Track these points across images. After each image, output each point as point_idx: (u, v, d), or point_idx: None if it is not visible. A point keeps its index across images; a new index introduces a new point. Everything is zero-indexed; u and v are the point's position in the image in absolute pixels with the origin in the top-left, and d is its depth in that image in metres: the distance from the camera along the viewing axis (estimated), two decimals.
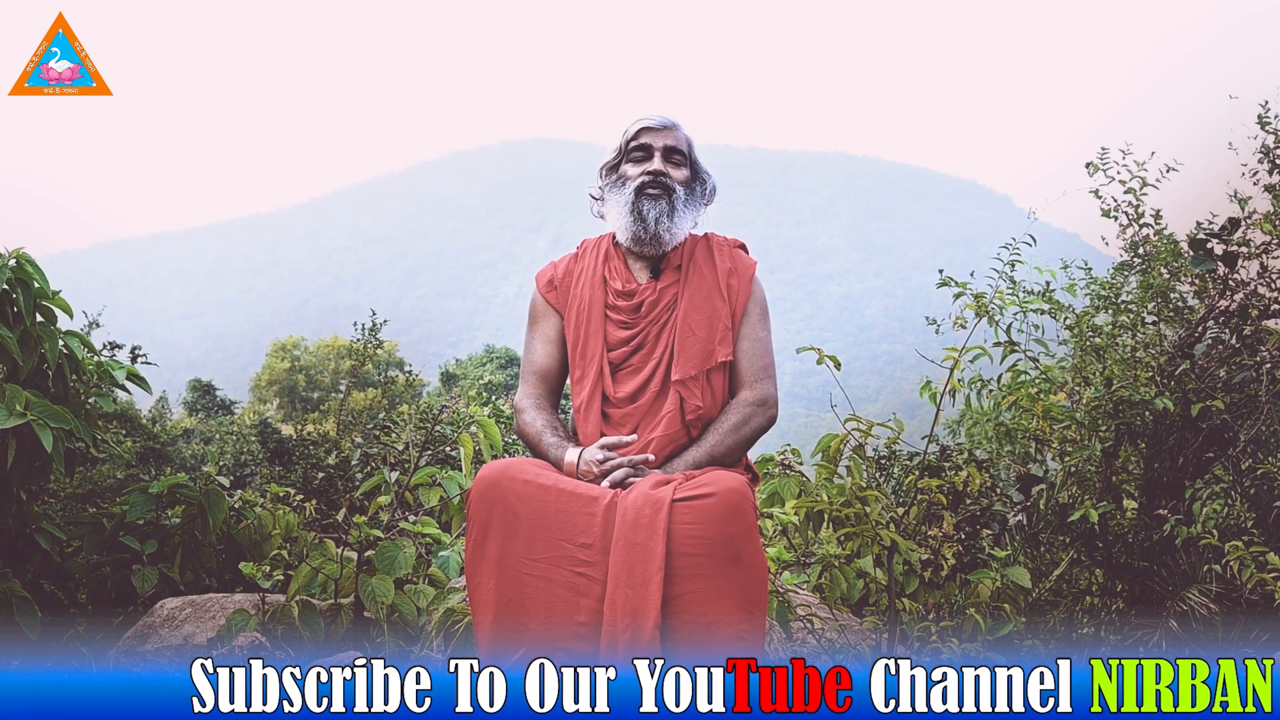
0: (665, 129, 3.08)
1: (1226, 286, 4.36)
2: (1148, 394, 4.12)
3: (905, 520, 3.87)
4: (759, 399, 2.99)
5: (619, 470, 2.81)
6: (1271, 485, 4.25)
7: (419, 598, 3.78)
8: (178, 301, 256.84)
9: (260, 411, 26.68)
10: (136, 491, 4.34)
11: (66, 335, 3.94)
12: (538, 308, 3.16)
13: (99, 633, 4.08)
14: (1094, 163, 4.75)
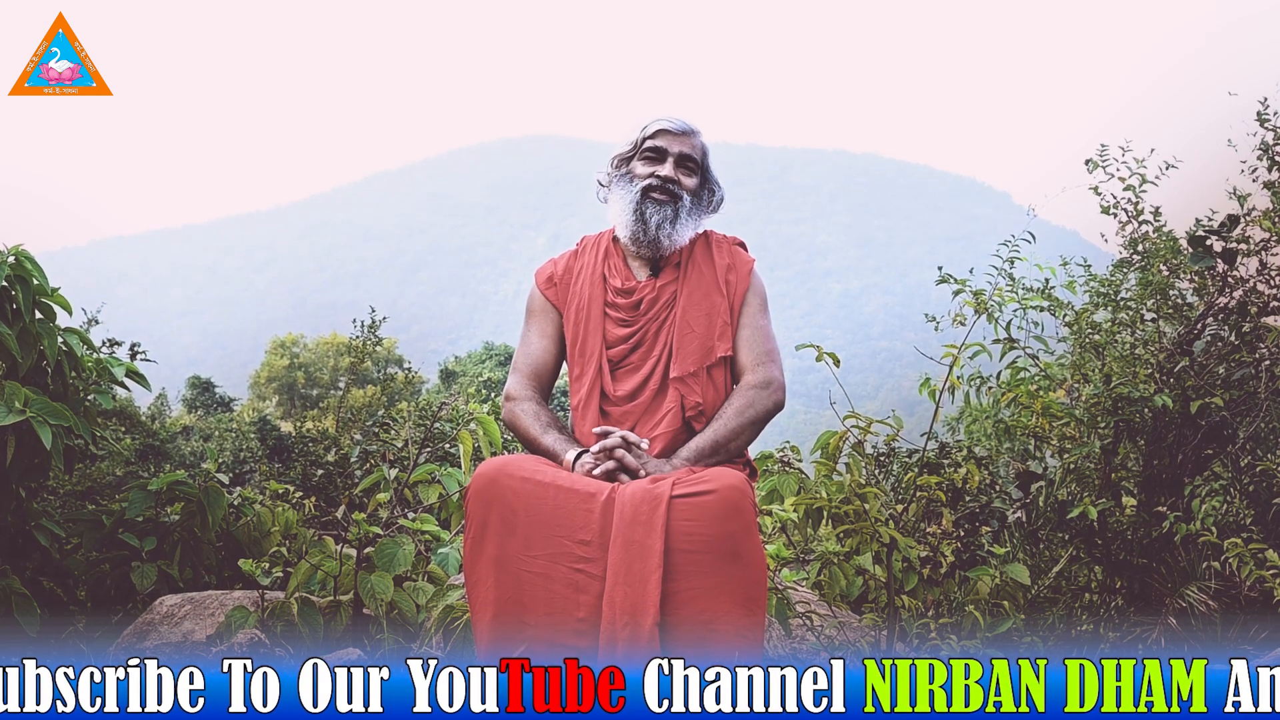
0: (683, 135, 3.07)
1: (1226, 283, 4.36)
2: (1147, 391, 4.12)
3: (904, 517, 3.87)
4: (762, 381, 2.98)
5: (611, 439, 2.81)
6: (1270, 482, 4.25)
7: (418, 595, 3.78)
8: (177, 299, 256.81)
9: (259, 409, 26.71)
10: (136, 488, 4.34)
11: (66, 332, 3.94)
12: (536, 303, 3.16)
13: (98, 630, 4.08)
14: (1093, 160, 4.75)
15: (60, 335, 3.87)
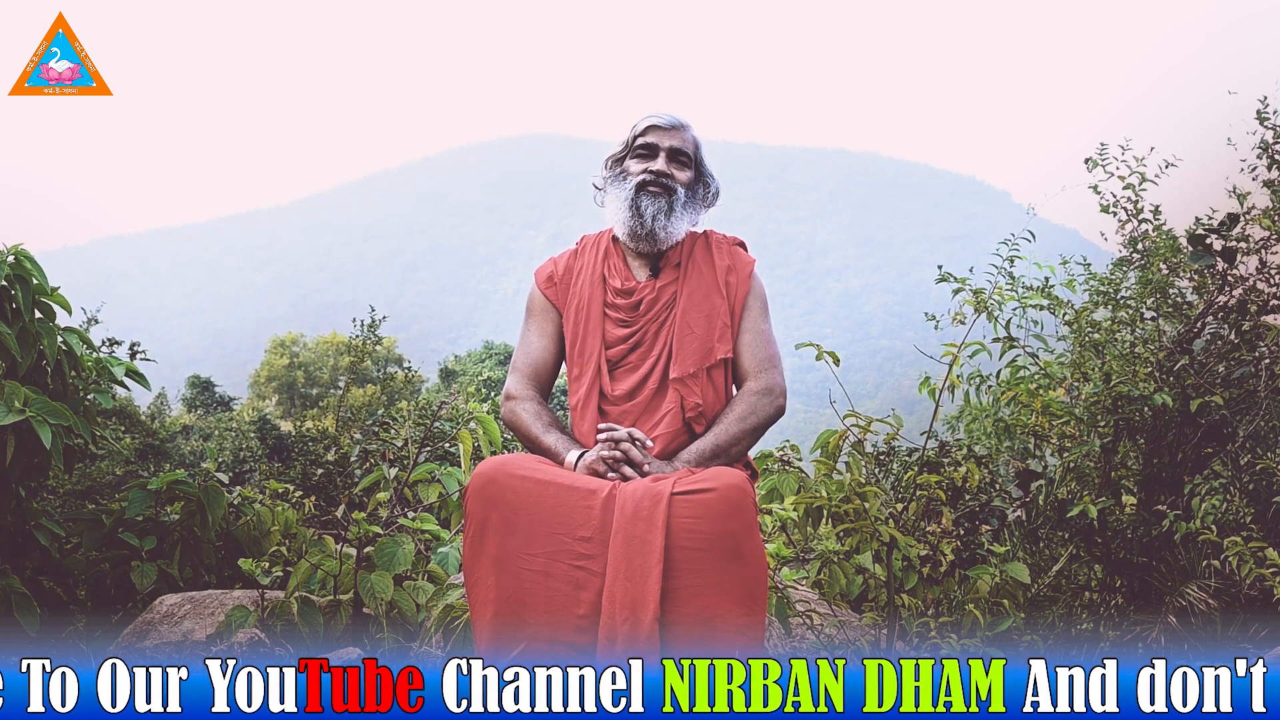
0: (673, 129, 3.08)
1: (1225, 282, 4.36)
2: (1146, 389, 4.12)
3: (904, 516, 3.87)
4: (764, 388, 2.99)
5: (619, 432, 2.81)
6: (1270, 481, 4.25)
7: (418, 594, 3.78)
8: (176, 298, 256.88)
9: (259, 408, 26.73)
10: (135, 488, 4.34)
11: (65, 332, 3.93)
12: (536, 303, 3.16)
13: (98, 629, 4.08)
14: (1093, 158, 4.75)
15: (60, 335, 3.87)
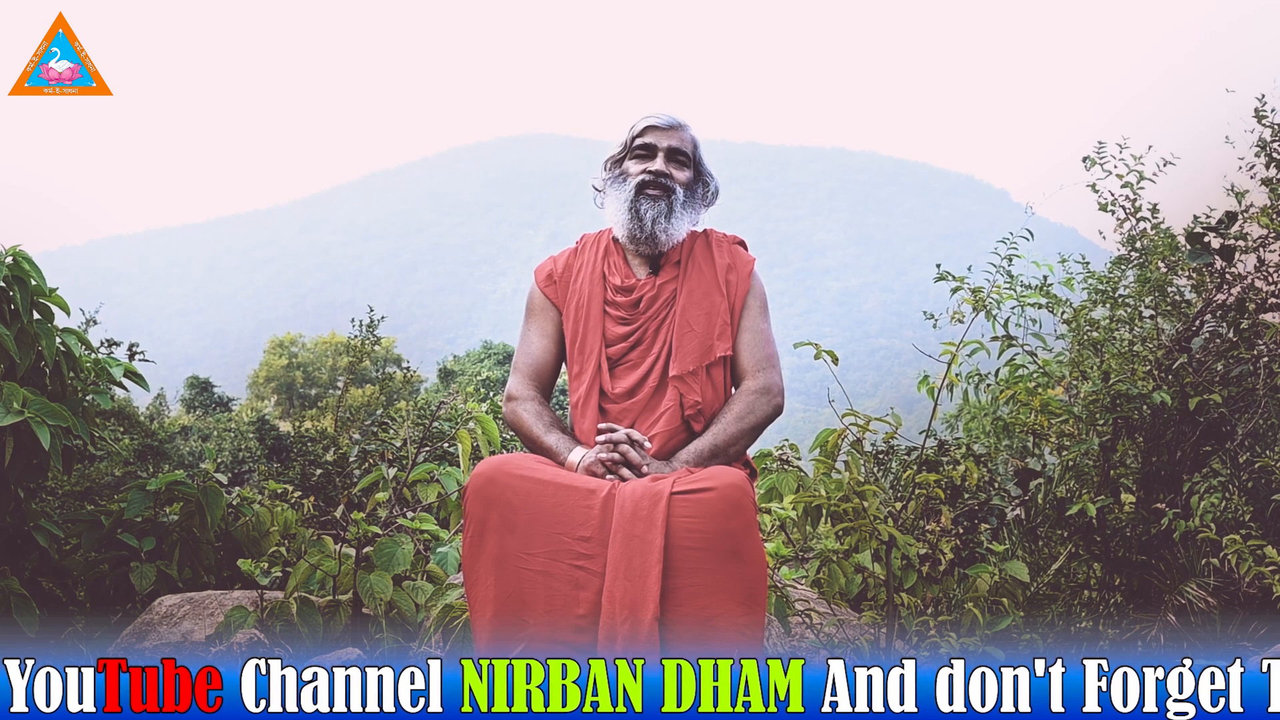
0: (671, 129, 3.08)
1: (1224, 280, 4.36)
2: (1145, 388, 4.12)
3: (903, 515, 3.87)
4: (762, 387, 2.99)
5: (618, 433, 2.82)
6: (1269, 479, 4.25)
7: (417, 594, 3.78)
8: (175, 298, 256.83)
9: (258, 408, 26.72)
10: (134, 489, 4.34)
11: (64, 332, 3.93)
12: (536, 302, 3.16)
13: (97, 630, 4.08)
14: (1091, 156, 4.75)
15: (58, 335, 3.87)
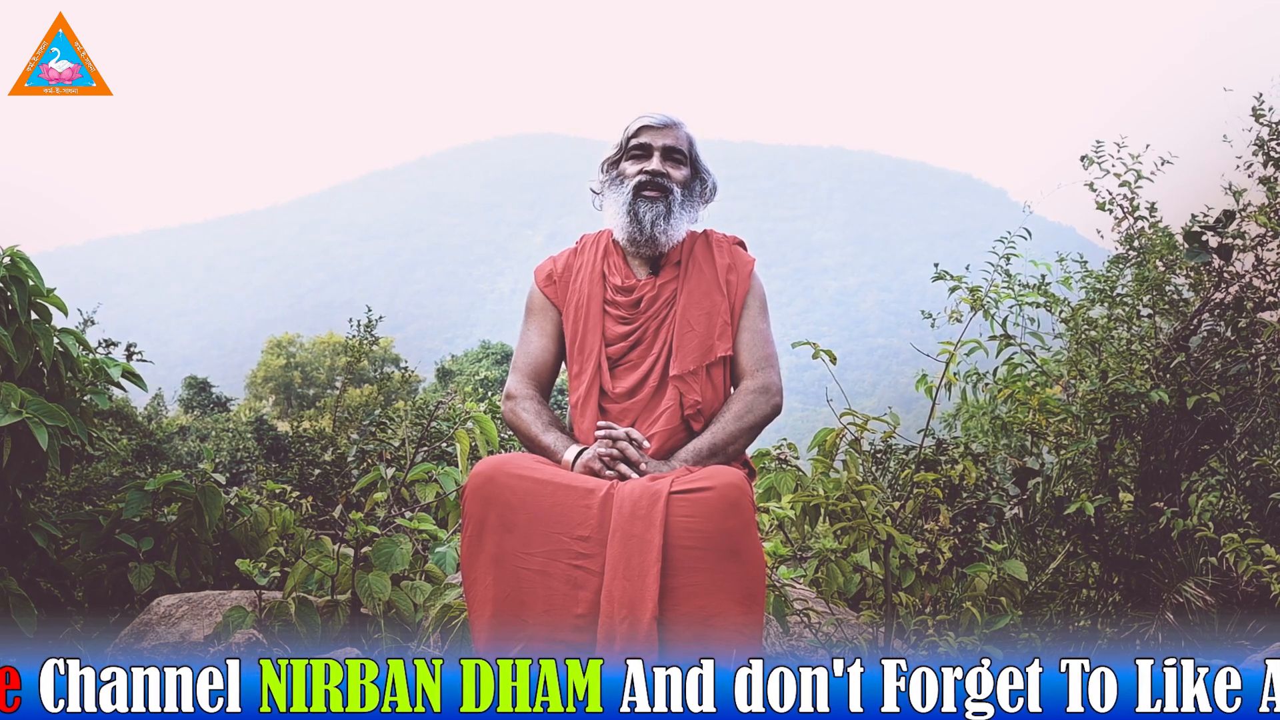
0: (666, 127, 3.07)
1: (1221, 279, 4.36)
2: (1143, 387, 4.12)
3: (901, 514, 3.87)
4: (761, 386, 2.99)
5: (617, 431, 2.83)
6: (1267, 477, 4.26)
7: (416, 594, 3.78)
8: (173, 298, 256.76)
9: (256, 408, 26.72)
10: (132, 489, 4.33)
11: (61, 333, 3.93)
12: (535, 301, 3.16)
13: (95, 630, 4.07)
14: (1089, 156, 4.75)
15: (56, 336, 3.86)
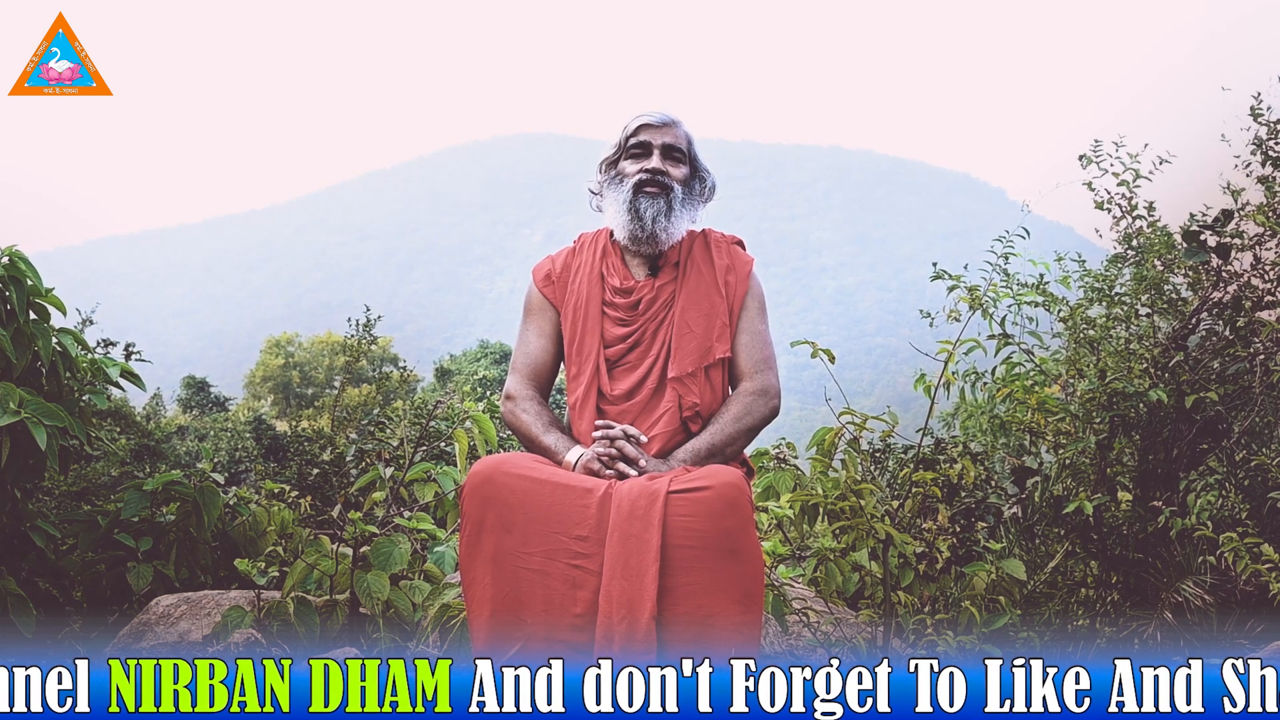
0: (665, 126, 3.07)
1: (1220, 278, 4.36)
2: (1141, 386, 4.13)
3: (900, 513, 3.87)
4: (759, 389, 2.99)
5: (614, 430, 2.83)
6: (1265, 476, 4.26)
7: (414, 593, 3.78)
8: (171, 298, 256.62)
9: (254, 408, 26.70)
10: (131, 489, 4.33)
11: (60, 333, 3.93)
12: (534, 301, 3.16)
13: (94, 630, 4.07)
14: (1087, 155, 4.75)
15: (54, 336, 3.86)
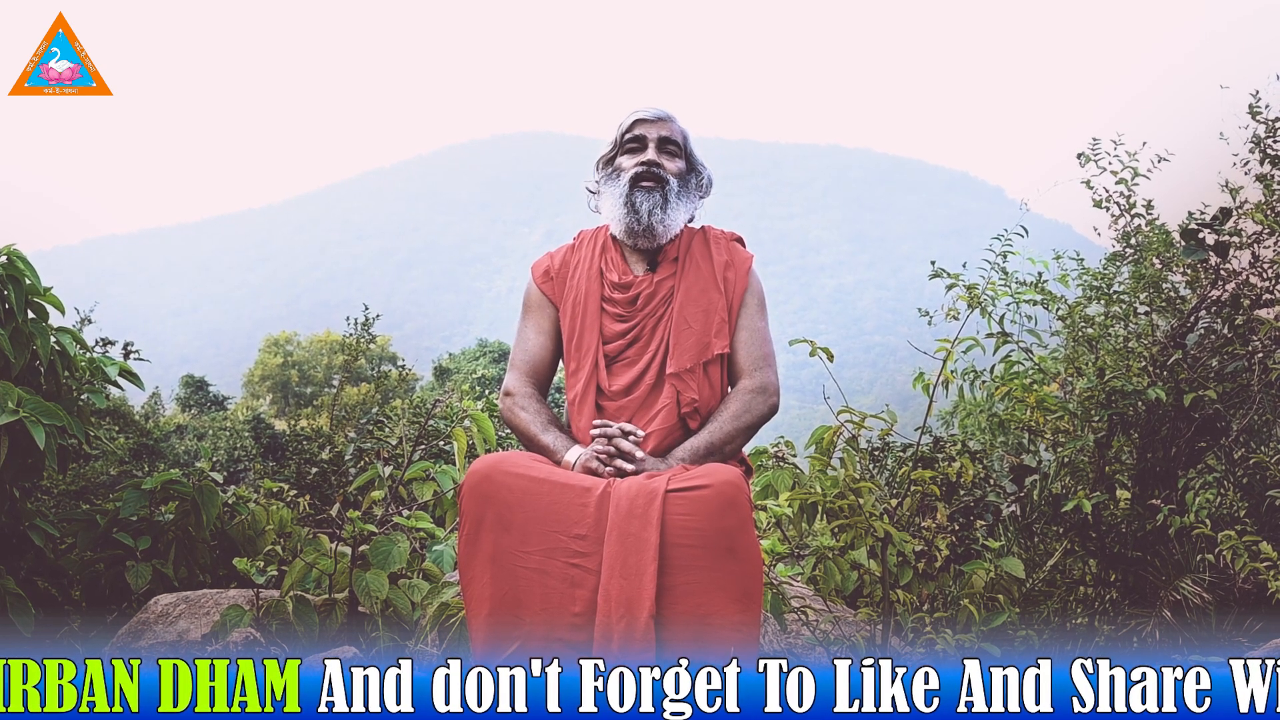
0: (660, 120, 3.08)
1: (1218, 276, 4.36)
2: (1140, 384, 4.13)
3: (899, 512, 3.88)
4: (758, 386, 2.99)
5: (611, 428, 2.84)
6: (1263, 474, 4.26)
7: (413, 592, 3.78)
8: (170, 297, 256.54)
9: (253, 407, 26.69)
10: (130, 488, 4.33)
11: (58, 332, 3.93)
12: (532, 298, 3.16)
13: (93, 629, 4.07)
14: (1085, 153, 4.75)
15: (53, 335, 3.86)
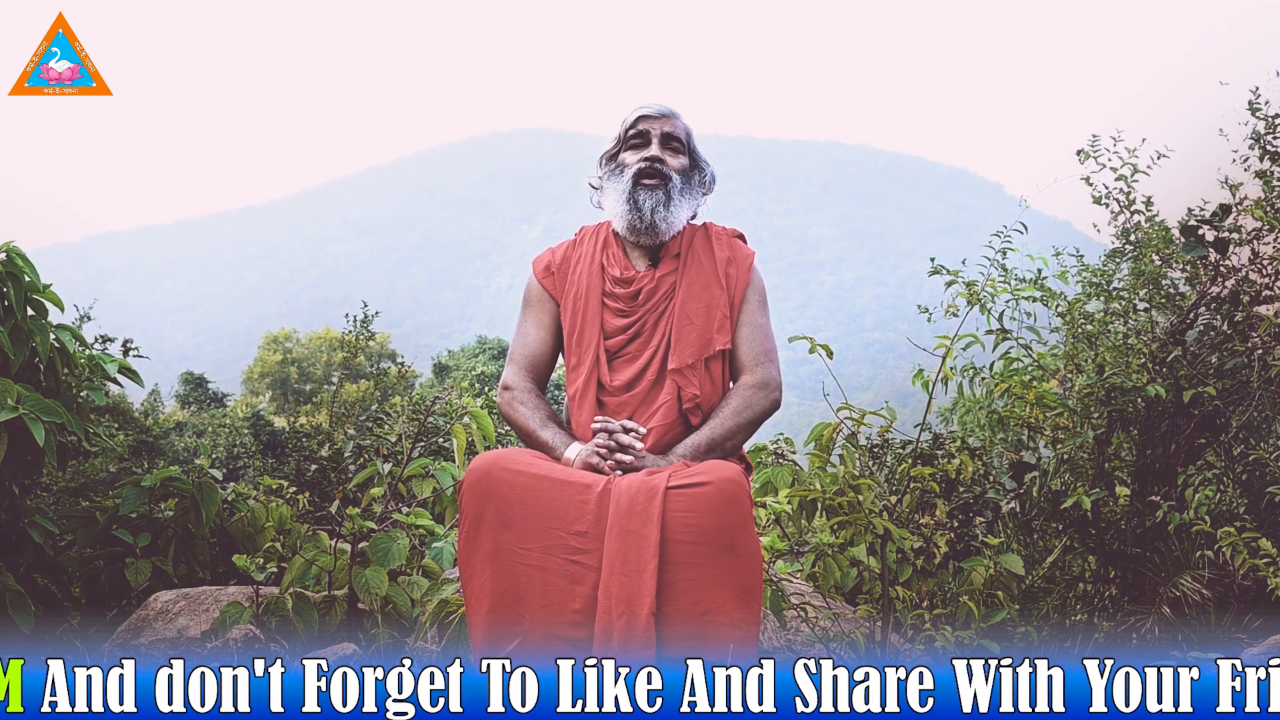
0: (663, 116, 3.08)
1: (1218, 273, 4.36)
2: (1140, 381, 4.12)
3: (898, 508, 3.87)
4: (760, 382, 2.99)
5: (612, 424, 2.84)
6: (1263, 471, 4.26)
7: (413, 589, 3.78)
8: (169, 294, 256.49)
9: (253, 404, 26.68)
10: (129, 485, 4.33)
11: (58, 329, 3.93)
12: (533, 293, 3.16)
13: (92, 626, 4.07)
14: (1085, 150, 4.75)
15: (52, 332, 3.86)
